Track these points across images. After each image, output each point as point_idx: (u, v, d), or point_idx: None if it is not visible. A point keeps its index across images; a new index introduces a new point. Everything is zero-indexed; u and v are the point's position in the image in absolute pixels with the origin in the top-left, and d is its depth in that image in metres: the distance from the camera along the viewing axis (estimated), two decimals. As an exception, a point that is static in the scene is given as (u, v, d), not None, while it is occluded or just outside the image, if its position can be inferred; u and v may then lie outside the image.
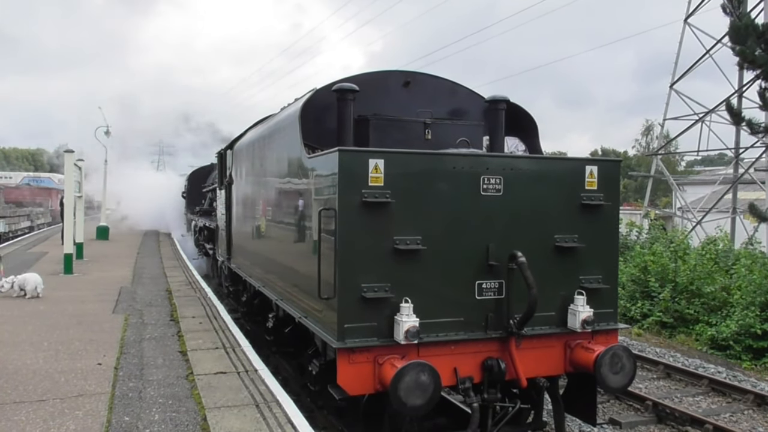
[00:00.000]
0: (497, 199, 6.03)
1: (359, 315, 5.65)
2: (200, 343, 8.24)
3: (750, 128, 24.65)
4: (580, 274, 6.30)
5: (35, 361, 7.29)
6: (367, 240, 5.67)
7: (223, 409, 5.81)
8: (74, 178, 16.68)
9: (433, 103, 7.58)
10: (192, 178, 23.63)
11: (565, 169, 6.33)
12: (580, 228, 6.28)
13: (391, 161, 5.71)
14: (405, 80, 7.56)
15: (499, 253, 5.99)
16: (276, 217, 7.89)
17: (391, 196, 5.68)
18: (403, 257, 5.75)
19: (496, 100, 7.45)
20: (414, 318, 5.60)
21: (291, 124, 7.09)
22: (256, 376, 6.88)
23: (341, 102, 6.87)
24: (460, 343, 5.93)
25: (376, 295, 5.65)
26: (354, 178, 5.62)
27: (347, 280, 5.63)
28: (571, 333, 6.21)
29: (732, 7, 27.22)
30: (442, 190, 5.90)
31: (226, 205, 11.89)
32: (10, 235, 31.88)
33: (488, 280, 6.02)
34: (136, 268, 16.68)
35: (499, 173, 6.02)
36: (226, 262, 11.91)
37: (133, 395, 6.20)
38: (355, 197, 5.62)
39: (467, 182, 5.95)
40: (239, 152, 10.74)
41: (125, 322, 9.57)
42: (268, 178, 8.35)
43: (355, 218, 5.63)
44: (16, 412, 5.64)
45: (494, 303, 6.05)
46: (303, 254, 6.77)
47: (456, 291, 5.95)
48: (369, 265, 5.68)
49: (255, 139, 9.38)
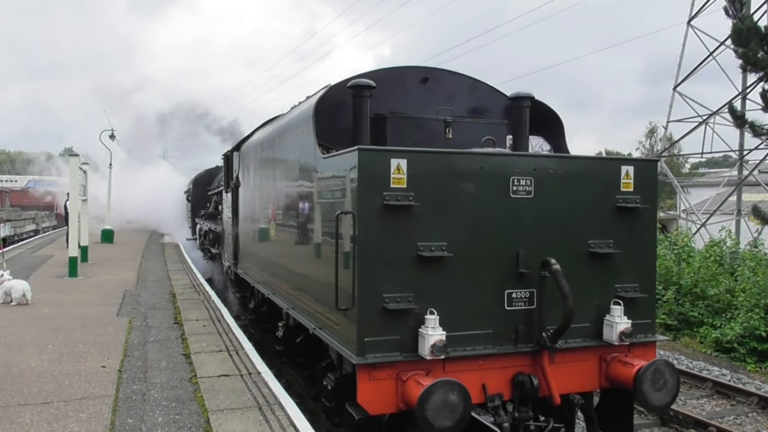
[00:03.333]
0: (527, 201, 5.48)
1: (380, 328, 5.11)
2: (204, 346, 8.12)
3: (753, 130, 24.18)
4: (615, 282, 5.75)
5: (40, 364, 7.17)
6: (389, 246, 5.13)
7: (226, 411, 5.71)
8: (79, 181, 16.27)
9: (453, 101, 7.04)
10: (197, 182, 23.06)
11: (599, 169, 5.78)
12: (615, 233, 5.73)
13: (415, 161, 5.17)
14: (423, 76, 7.02)
15: (530, 260, 5.45)
16: (287, 221, 7.35)
17: (414, 198, 5.14)
18: (427, 265, 5.20)
19: (520, 97, 6.91)
20: (440, 331, 5.05)
21: (304, 122, 6.55)
22: (259, 378, 6.74)
23: (357, 99, 6.33)
24: (488, 358, 5.38)
25: (398, 306, 5.11)
26: (375, 180, 5.08)
27: (367, 289, 5.09)
28: (606, 346, 5.66)
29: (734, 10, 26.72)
30: (469, 192, 5.36)
31: (233, 209, 11.33)
32: (15, 239, 31.37)
33: (518, 290, 5.48)
34: (140, 271, 16.43)
35: (530, 174, 5.48)
36: (233, 267, 11.35)
37: (137, 398, 6.09)
38: (376, 200, 5.08)
39: (495, 184, 5.40)
40: (246, 154, 10.19)
41: (129, 325, 9.42)
42: (279, 180, 7.80)
43: (375, 223, 5.09)
44: (20, 415, 5.57)
45: (524, 314, 5.50)
46: (317, 261, 6.23)
47: (484, 301, 5.40)
48: (391, 274, 5.13)
49: (264, 140, 8.84)
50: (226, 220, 12.35)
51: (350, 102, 6.45)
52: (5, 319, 9.65)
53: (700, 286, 15.14)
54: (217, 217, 16.70)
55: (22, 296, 11.09)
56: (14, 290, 11.08)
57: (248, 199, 9.96)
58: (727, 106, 26.56)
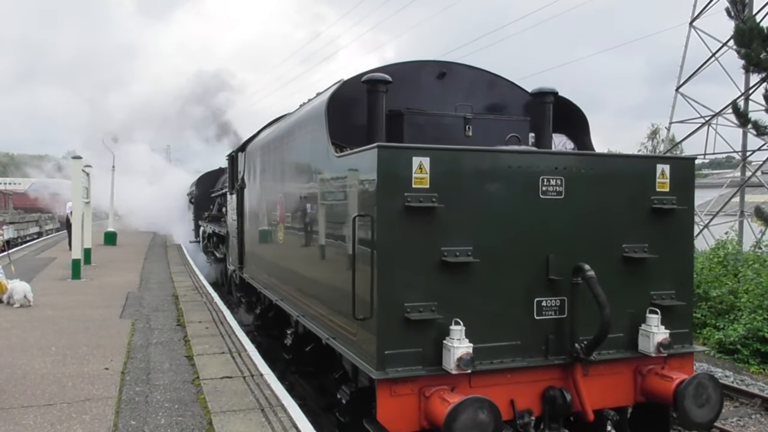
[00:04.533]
0: (558, 202, 5.02)
1: (402, 339, 4.65)
2: (206, 348, 7.99)
3: (756, 131, 23.77)
4: (651, 288, 5.29)
5: (43, 366, 7.09)
6: (411, 251, 4.67)
7: (228, 413, 5.62)
8: (82, 184, 16.06)
9: (471, 97, 6.58)
10: (200, 183, 22.56)
11: (633, 168, 5.32)
12: (650, 236, 5.27)
13: (438, 159, 4.71)
14: (440, 71, 6.56)
15: (561, 266, 4.99)
16: (296, 223, 6.88)
17: (438, 200, 4.68)
18: (452, 271, 4.74)
19: (542, 93, 6.46)
20: (467, 343, 4.60)
21: (316, 119, 6.09)
22: (262, 380, 6.62)
23: (372, 94, 5.88)
24: (517, 371, 4.92)
25: (421, 316, 4.65)
26: (395, 180, 4.62)
27: (388, 298, 4.63)
28: (642, 357, 5.20)
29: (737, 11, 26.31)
30: (496, 192, 4.90)
31: (238, 211, 10.84)
32: (19, 241, 30.88)
33: (548, 298, 5.02)
34: (143, 273, 16.19)
35: (560, 173, 5.02)
36: (238, 271, 10.87)
37: (140, 399, 6.01)
38: (397, 202, 4.62)
39: (524, 184, 4.95)
40: (252, 154, 9.72)
41: (132, 327, 9.28)
42: (287, 181, 7.33)
43: (396, 226, 4.63)
44: (24, 417, 5.51)
45: (555, 324, 5.04)
46: (331, 267, 5.77)
47: (512, 310, 4.94)
48: (413, 281, 4.68)
49: (271, 139, 8.37)
50: (231, 222, 11.88)
51: (364, 98, 6.00)
52: (9, 322, 9.55)
53: (703, 287, 14.85)
54: (221, 219, 16.24)
55: (23, 297, 10.90)
56: (15, 292, 10.90)
57: (254, 200, 9.49)
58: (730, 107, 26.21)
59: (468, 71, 6.70)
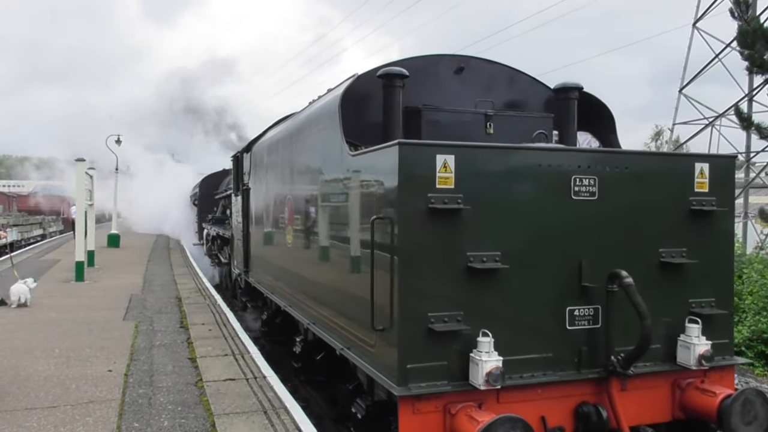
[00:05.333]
0: (591, 204, 4.61)
1: (425, 352, 4.23)
2: (209, 350, 7.91)
3: (759, 133, 23.36)
4: (689, 296, 4.87)
5: (47, 368, 7.04)
6: (435, 257, 4.25)
7: (231, 415, 5.55)
8: (85, 186, 15.78)
9: (491, 93, 6.16)
10: (203, 185, 22.12)
11: (670, 167, 4.89)
12: (688, 239, 4.84)
13: (464, 158, 4.29)
14: (458, 66, 6.14)
15: (594, 272, 4.57)
16: (307, 226, 6.45)
17: (463, 201, 4.27)
18: (479, 278, 4.33)
19: (566, 88, 6.04)
20: (496, 356, 4.18)
21: (328, 117, 5.67)
22: (265, 382, 6.53)
23: (388, 89, 5.47)
24: (548, 386, 4.50)
25: (446, 327, 4.23)
26: (418, 179, 4.21)
27: (410, 307, 4.21)
28: (681, 370, 4.78)
29: (740, 12, 25.92)
30: (525, 193, 4.48)
31: (243, 213, 10.41)
32: (22, 243, 30.45)
33: (581, 306, 4.59)
34: (146, 276, 16.10)
35: (594, 172, 4.60)
36: (243, 275, 10.43)
37: (143, 402, 5.95)
38: (420, 203, 4.20)
39: (555, 184, 4.53)
40: (258, 154, 9.29)
41: (135, 329, 9.19)
42: (297, 181, 6.91)
43: (419, 229, 4.22)
44: (27, 419, 5.46)
45: (588, 334, 4.62)
46: (346, 272, 5.34)
47: (542, 320, 4.52)
48: (437, 289, 4.26)
49: (279, 139, 7.94)
50: (236, 225, 11.45)
51: (379, 94, 5.58)
52: (13, 324, 9.47)
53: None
54: (225, 221, 15.82)
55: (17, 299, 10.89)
56: (12, 293, 10.90)
57: (261, 202, 9.07)
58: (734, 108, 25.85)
59: (487, 66, 6.28)
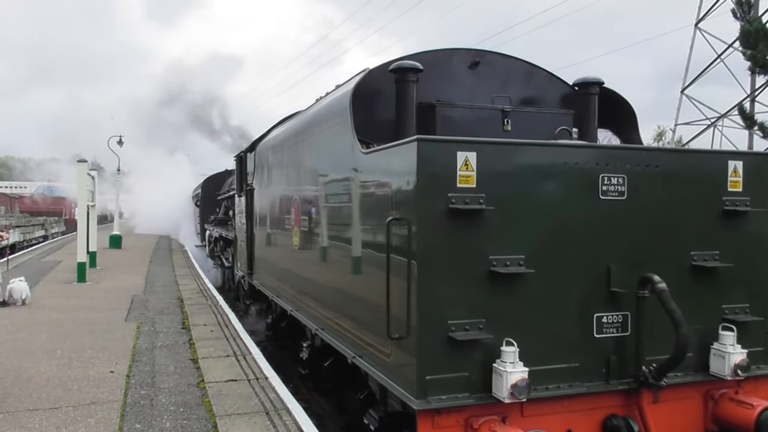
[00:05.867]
0: (619, 204, 4.30)
1: (445, 362, 3.92)
2: (211, 351, 7.84)
3: (762, 132, 23.06)
4: (722, 302, 4.56)
5: (48, 369, 6.98)
6: (456, 261, 3.94)
7: (233, 416, 5.51)
8: (87, 187, 15.62)
9: (506, 88, 5.86)
10: (206, 185, 21.79)
11: (702, 165, 4.57)
12: (721, 242, 4.54)
13: (486, 154, 3.99)
14: (473, 60, 5.83)
15: (623, 277, 4.26)
16: (315, 228, 6.14)
17: (485, 201, 3.96)
18: (502, 283, 4.02)
19: (587, 83, 5.74)
20: (521, 367, 3.87)
21: (338, 113, 5.36)
22: (267, 383, 6.47)
23: (401, 84, 5.16)
24: (575, 398, 4.18)
25: (468, 335, 3.92)
26: (438, 178, 3.90)
27: (429, 315, 3.90)
28: (714, 380, 4.47)
29: (743, 12, 25.62)
30: (550, 192, 4.17)
31: (247, 214, 10.09)
32: (24, 244, 30.15)
33: (609, 313, 4.28)
34: (148, 277, 16.28)
35: (623, 171, 4.30)
36: (247, 278, 10.11)
37: (145, 403, 5.91)
38: (440, 203, 3.90)
39: (582, 182, 4.22)
40: (263, 154, 8.98)
41: (137, 330, 9.11)
42: (304, 181, 6.59)
43: (439, 231, 3.91)
44: (29, 420, 5.42)
45: (617, 343, 4.31)
46: (357, 277, 5.03)
47: (568, 327, 4.21)
48: (458, 295, 3.95)
49: (285, 138, 7.63)
50: (239, 226, 11.13)
51: (391, 89, 5.28)
52: (15, 325, 9.37)
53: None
54: (228, 222, 15.51)
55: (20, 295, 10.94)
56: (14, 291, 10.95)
57: (265, 203, 8.76)
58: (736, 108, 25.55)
59: (502, 60, 5.98)
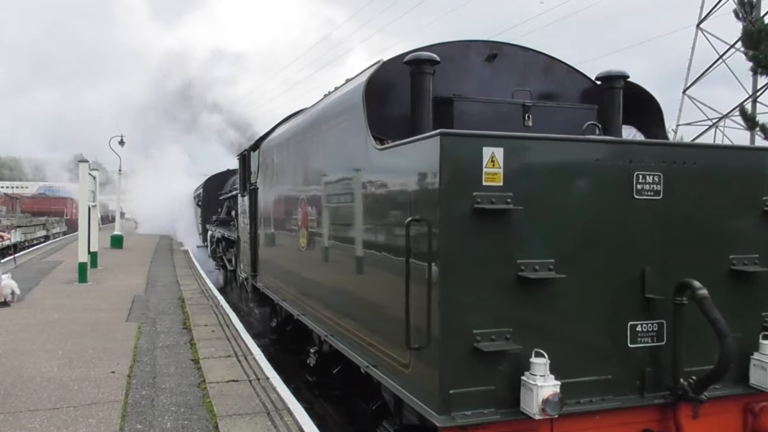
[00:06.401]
0: (654, 204, 3.96)
1: (470, 375, 3.59)
2: (212, 351, 7.74)
3: (764, 133, 22.74)
4: (763, 308, 4.23)
5: (49, 369, 6.90)
6: (481, 265, 3.61)
7: (234, 417, 5.45)
8: (89, 187, 15.30)
9: (525, 82, 5.54)
10: (207, 185, 21.44)
11: (742, 162, 4.23)
12: (763, 244, 4.21)
13: (513, 150, 3.66)
14: (490, 53, 5.50)
15: (659, 282, 3.93)
16: (324, 229, 5.81)
17: (513, 201, 3.63)
18: (531, 289, 3.69)
19: (611, 77, 5.41)
20: (552, 381, 3.54)
21: (350, 107, 5.02)
22: (268, 384, 6.40)
23: (417, 77, 4.83)
24: (607, 412, 3.85)
25: (494, 346, 3.59)
26: (462, 175, 3.57)
27: (453, 323, 3.57)
28: (755, 393, 4.14)
29: (744, 12, 25.32)
30: (581, 191, 3.85)
31: (251, 215, 9.75)
32: (26, 245, 29.81)
33: (644, 321, 3.96)
34: (149, 277, 15.73)
35: (658, 169, 3.97)
36: (251, 280, 9.77)
37: (146, 403, 5.85)
38: (464, 203, 3.57)
39: (615, 181, 3.89)
40: (267, 152, 8.64)
41: (138, 330, 9.01)
42: (312, 180, 6.25)
43: (463, 233, 3.58)
44: (30, 420, 5.37)
45: (652, 353, 3.98)
46: (372, 281, 4.70)
47: (600, 336, 3.88)
48: (484, 302, 3.62)
49: (291, 135, 7.29)
50: (243, 226, 10.79)
51: (405, 83, 4.95)
52: (16, 325, 9.27)
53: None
54: (231, 223, 15.16)
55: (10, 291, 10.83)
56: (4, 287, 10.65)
57: (270, 202, 8.42)
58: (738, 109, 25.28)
59: (521, 53, 5.65)
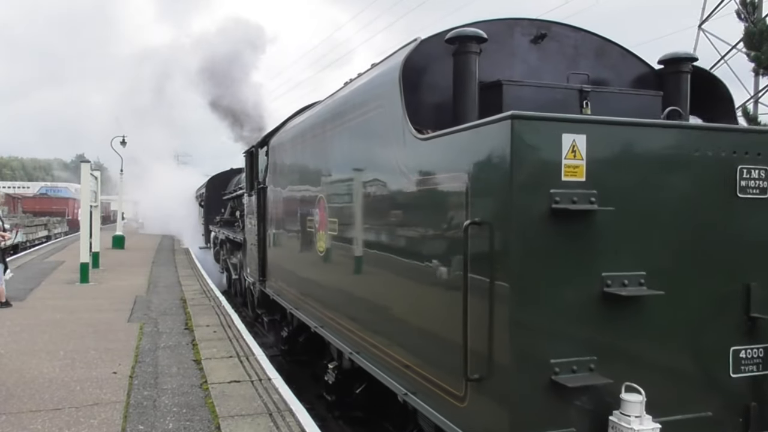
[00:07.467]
0: (762, 204, 3.23)
1: (547, 414, 2.85)
2: (214, 352, 7.61)
3: (767, 134, 22.11)
4: None
5: (51, 370, 6.80)
6: (560, 279, 2.87)
7: (236, 417, 5.35)
8: (90, 187, 14.77)
9: (577, 65, 4.79)
10: (210, 185, 20.62)
11: None
12: None
13: (597, 138, 2.92)
14: (538, 32, 4.75)
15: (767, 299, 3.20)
16: (349, 231, 5.05)
17: (598, 200, 2.89)
18: (619, 309, 2.95)
19: (677, 59, 4.66)
20: (650, 422, 2.80)
21: (384, 93, 4.27)
22: (270, 384, 6.30)
23: (462, 57, 4.07)
24: (707, 457, 3.12)
25: (578, 379, 2.84)
26: (538, 168, 2.83)
27: (526, 351, 2.83)
28: None
29: (746, 13, 24.64)
30: (676, 189, 3.11)
31: (259, 215, 8.98)
32: (27, 245, 29.06)
33: (749, 346, 3.22)
34: (151, 277, 15.35)
35: (765, 161, 3.23)
36: (259, 285, 9.01)
37: (148, 404, 5.75)
38: (539, 202, 2.83)
39: (715, 176, 3.15)
40: (278, 148, 7.87)
41: (140, 330, 8.84)
42: (335, 176, 5.50)
43: (538, 239, 2.84)
44: (32, 421, 5.29)
45: (758, 384, 3.24)
46: (414, 295, 3.93)
47: (698, 365, 3.14)
48: (562, 325, 2.88)
49: (306, 128, 6.52)
50: (249, 228, 10.03)
51: (445, 64, 4.20)
52: (18, 325, 9.09)
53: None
54: (235, 224, 14.38)
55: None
56: None
57: (281, 202, 7.66)
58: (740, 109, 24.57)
59: (572, 34, 4.88)
